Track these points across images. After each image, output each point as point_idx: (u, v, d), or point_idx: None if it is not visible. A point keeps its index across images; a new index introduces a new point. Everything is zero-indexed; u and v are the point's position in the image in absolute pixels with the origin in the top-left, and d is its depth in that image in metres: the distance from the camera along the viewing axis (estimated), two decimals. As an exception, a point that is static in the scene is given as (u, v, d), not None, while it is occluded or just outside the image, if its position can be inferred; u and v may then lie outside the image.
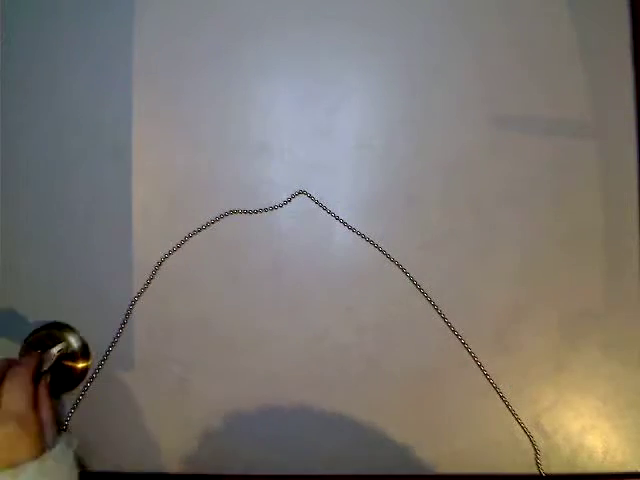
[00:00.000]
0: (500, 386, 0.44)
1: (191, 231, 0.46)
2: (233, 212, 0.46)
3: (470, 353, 0.44)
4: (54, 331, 0.44)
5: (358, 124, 0.47)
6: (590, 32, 0.47)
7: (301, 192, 0.46)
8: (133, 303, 0.45)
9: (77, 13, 0.47)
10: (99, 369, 0.44)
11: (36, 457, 0.32)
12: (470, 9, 0.47)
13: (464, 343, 0.44)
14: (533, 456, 0.44)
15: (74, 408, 0.44)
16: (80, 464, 0.37)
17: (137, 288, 0.45)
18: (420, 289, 0.45)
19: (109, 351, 0.44)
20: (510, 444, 0.44)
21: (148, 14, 0.47)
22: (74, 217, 0.46)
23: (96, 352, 0.44)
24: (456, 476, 0.43)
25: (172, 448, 0.44)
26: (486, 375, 0.44)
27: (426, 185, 0.46)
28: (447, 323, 0.45)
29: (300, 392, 0.44)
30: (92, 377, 0.44)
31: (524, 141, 0.46)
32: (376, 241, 0.46)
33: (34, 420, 0.34)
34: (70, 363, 0.44)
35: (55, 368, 0.40)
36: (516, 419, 0.44)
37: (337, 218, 0.46)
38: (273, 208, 0.46)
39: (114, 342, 0.44)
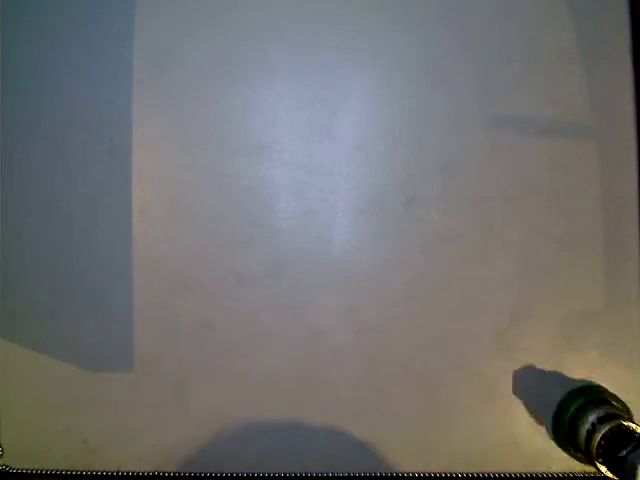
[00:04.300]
0: (500, 387, 0.44)
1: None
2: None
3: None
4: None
5: (358, 125, 0.47)
6: (590, 32, 0.47)
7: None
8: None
9: (78, 13, 0.47)
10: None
11: None
12: (469, 9, 0.47)
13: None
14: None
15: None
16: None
17: (137, 288, 0.45)
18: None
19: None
20: (510, 445, 0.44)
21: (149, 14, 0.47)
22: (74, 217, 0.46)
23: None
24: (456, 476, 0.43)
25: (172, 448, 0.44)
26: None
27: (426, 186, 0.46)
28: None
29: (300, 392, 0.44)
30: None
31: (524, 141, 0.46)
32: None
33: None
34: None
35: None
36: None
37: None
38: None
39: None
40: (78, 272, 0.45)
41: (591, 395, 0.42)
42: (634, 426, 0.38)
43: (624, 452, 0.37)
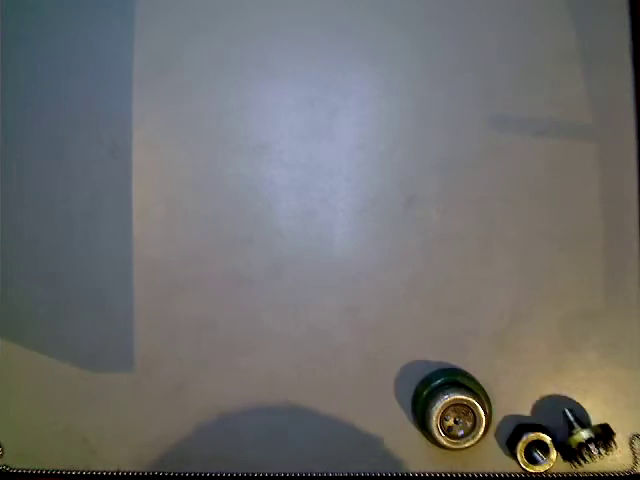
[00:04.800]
0: (500, 387, 0.44)
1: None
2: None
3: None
4: None
5: (358, 125, 0.47)
6: (590, 32, 0.47)
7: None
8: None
9: (78, 13, 0.47)
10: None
11: None
12: (469, 9, 0.47)
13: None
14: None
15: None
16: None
17: (137, 288, 0.45)
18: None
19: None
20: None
21: (149, 14, 0.47)
22: (74, 217, 0.46)
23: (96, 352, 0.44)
24: (456, 476, 0.43)
25: (172, 448, 0.44)
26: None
27: (426, 186, 0.46)
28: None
29: (300, 392, 0.44)
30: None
31: (524, 142, 0.46)
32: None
33: None
34: None
35: None
36: None
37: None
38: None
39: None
40: (78, 272, 0.45)
41: (447, 378, 0.43)
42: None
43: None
